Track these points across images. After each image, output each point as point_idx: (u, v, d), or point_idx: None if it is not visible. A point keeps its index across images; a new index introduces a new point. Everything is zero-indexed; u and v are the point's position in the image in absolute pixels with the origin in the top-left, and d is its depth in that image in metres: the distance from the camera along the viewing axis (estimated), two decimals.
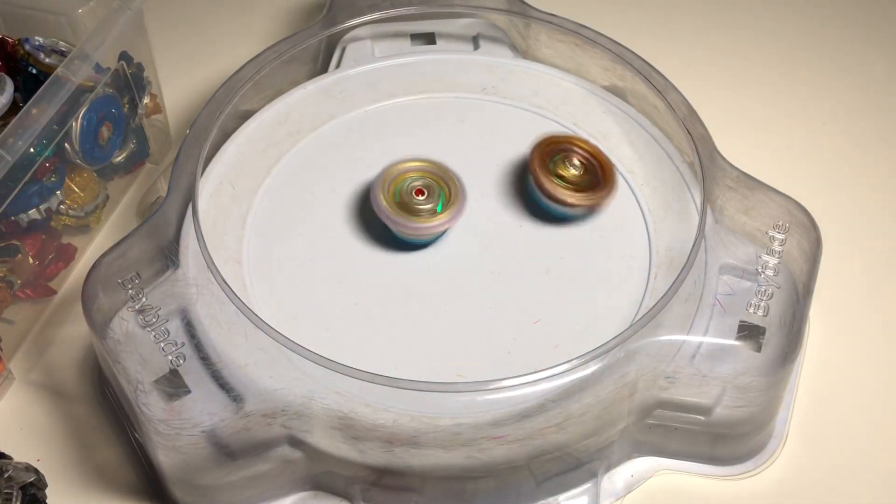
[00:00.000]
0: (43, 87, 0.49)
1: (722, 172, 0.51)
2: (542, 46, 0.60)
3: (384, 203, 0.48)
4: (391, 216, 0.48)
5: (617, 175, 0.51)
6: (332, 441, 0.44)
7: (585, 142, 0.52)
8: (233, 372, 0.44)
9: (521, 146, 0.54)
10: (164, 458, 0.45)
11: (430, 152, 0.53)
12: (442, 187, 0.50)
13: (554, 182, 0.50)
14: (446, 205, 0.49)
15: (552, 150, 0.51)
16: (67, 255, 0.56)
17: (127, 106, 0.58)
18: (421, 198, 0.49)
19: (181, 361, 0.45)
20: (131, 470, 0.49)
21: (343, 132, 0.55)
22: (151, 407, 0.43)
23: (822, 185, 0.61)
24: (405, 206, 0.49)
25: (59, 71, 0.49)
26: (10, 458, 0.47)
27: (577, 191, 0.50)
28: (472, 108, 0.56)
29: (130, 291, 0.47)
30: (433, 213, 0.49)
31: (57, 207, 0.55)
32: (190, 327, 0.46)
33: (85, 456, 0.50)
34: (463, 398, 0.44)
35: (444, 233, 0.50)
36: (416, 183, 0.49)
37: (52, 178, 0.53)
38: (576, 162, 0.51)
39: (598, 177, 0.51)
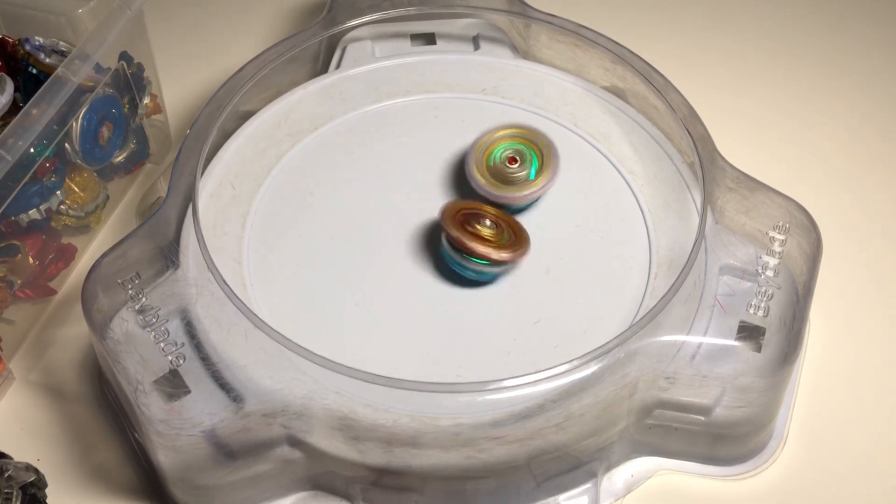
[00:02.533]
0: (43, 87, 0.49)
1: (722, 173, 0.51)
2: (543, 47, 0.60)
3: (480, 178, 0.49)
4: (488, 189, 0.49)
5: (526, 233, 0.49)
6: (332, 441, 0.44)
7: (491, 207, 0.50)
8: (233, 372, 0.44)
9: None
10: (164, 459, 0.45)
11: (429, 152, 0.53)
12: (534, 152, 0.50)
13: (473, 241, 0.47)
14: (539, 170, 0.50)
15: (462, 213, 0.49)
16: (67, 255, 0.56)
17: (127, 106, 0.57)
18: (514, 166, 0.49)
19: (181, 361, 0.45)
20: (131, 470, 0.49)
21: (343, 132, 0.55)
22: (151, 407, 0.43)
23: (822, 185, 0.61)
24: (500, 176, 0.49)
25: (59, 71, 0.49)
26: (10, 457, 0.47)
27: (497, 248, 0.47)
28: (472, 108, 0.56)
29: (130, 291, 0.47)
30: (527, 180, 0.49)
31: (57, 207, 0.55)
32: (190, 327, 0.46)
33: (85, 456, 0.50)
34: (463, 398, 0.44)
35: (539, 199, 0.51)
36: (508, 151, 0.50)
37: (52, 178, 0.53)
38: (487, 222, 0.48)
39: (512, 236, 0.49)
